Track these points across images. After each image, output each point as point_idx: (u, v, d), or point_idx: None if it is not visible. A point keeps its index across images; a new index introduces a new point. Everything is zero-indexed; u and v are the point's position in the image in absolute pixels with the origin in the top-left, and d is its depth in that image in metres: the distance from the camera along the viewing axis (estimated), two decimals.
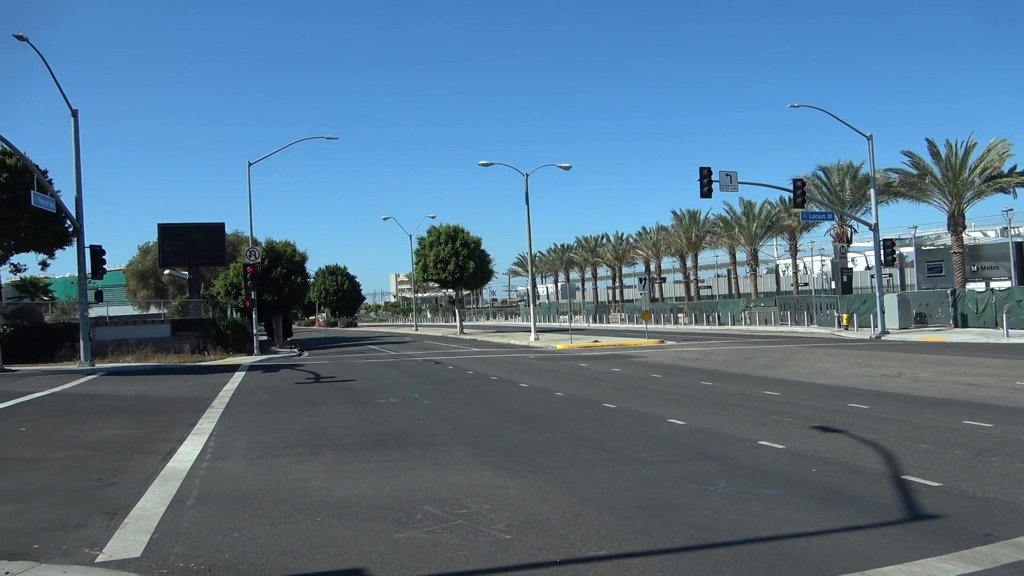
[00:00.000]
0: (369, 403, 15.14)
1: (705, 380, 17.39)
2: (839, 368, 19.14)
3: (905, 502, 6.57)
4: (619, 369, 21.28)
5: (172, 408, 15.46)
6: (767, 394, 14.39)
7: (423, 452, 9.60)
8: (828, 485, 7.24)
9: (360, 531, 6.16)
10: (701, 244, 76.05)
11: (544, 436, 10.58)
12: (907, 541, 5.52)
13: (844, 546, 5.46)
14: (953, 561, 5.07)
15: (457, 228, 55.86)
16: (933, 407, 12.00)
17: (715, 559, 5.26)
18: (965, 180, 41.03)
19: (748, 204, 65.16)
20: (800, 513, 6.33)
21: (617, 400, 14.20)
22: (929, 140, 41.97)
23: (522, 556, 5.44)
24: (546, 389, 16.67)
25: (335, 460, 9.24)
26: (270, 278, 42.88)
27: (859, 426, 10.40)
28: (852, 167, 50.01)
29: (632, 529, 6.01)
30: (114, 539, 6.11)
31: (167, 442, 11.00)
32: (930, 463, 7.99)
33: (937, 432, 9.80)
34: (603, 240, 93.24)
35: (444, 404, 14.66)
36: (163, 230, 41.74)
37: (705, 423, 11.19)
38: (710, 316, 53.55)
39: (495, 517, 6.42)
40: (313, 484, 7.93)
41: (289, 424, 12.52)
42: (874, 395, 13.72)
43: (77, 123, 27.30)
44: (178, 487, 7.98)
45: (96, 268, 28.58)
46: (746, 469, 8.06)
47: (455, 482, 7.82)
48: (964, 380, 15.46)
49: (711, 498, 6.91)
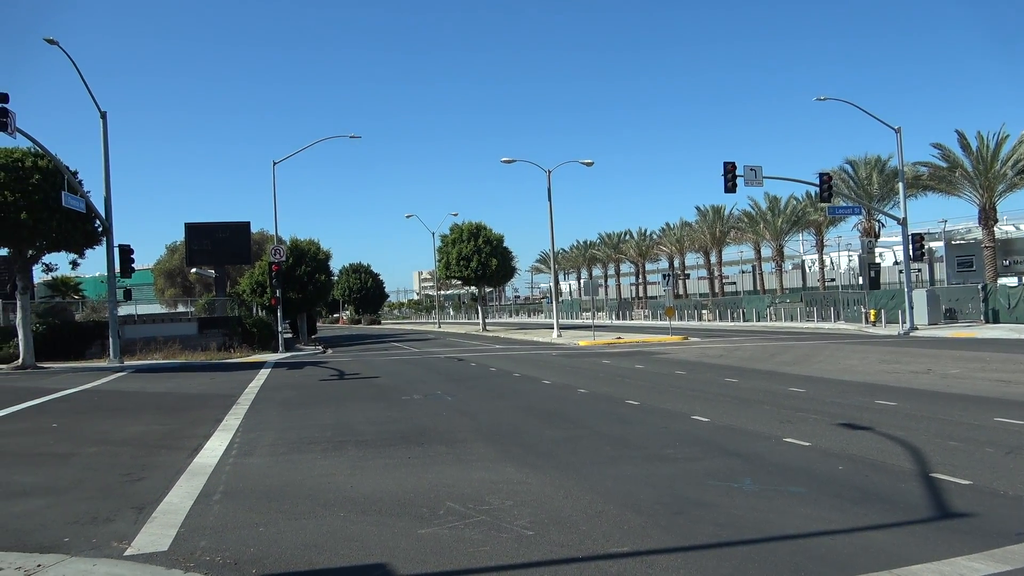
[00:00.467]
0: (392, 400, 15.22)
1: (729, 377, 17.24)
2: (866, 365, 18.87)
3: (934, 500, 6.47)
4: (642, 366, 21.18)
5: (199, 405, 15.66)
6: (792, 391, 14.23)
7: (446, 448, 9.63)
8: (855, 483, 7.15)
9: (383, 527, 6.19)
10: (725, 240, 75.32)
11: (567, 433, 10.56)
12: (936, 540, 5.43)
13: (871, 545, 5.39)
14: (983, 560, 4.97)
15: (479, 225, 55.90)
16: (963, 404, 11.79)
17: (740, 557, 5.22)
18: (997, 173, 40.19)
19: (773, 199, 64.43)
20: (826, 511, 6.25)
21: (640, 397, 14.13)
22: (959, 132, 41.18)
23: (545, 552, 5.43)
24: (569, 386, 16.64)
25: (359, 456, 9.30)
26: (294, 276, 43.24)
27: (886, 423, 10.24)
28: (880, 160, 49.24)
29: (655, 526, 5.98)
30: (142, 533, 6.21)
31: (194, 438, 11.14)
32: (960, 461, 7.85)
33: (967, 429, 9.62)
34: (626, 236, 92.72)
35: (467, 401, 14.69)
36: (190, 229, 42.29)
37: (729, 420, 11.10)
38: (735, 312, 53.08)
39: (518, 513, 6.43)
40: (337, 480, 8.00)
41: (313, 420, 12.63)
42: (902, 392, 13.52)
43: (106, 125, 27.74)
44: (205, 482, 8.08)
45: (125, 267, 29.04)
46: (771, 466, 7.98)
47: (478, 478, 7.84)
48: (995, 377, 15.17)
49: (736, 495, 6.85)
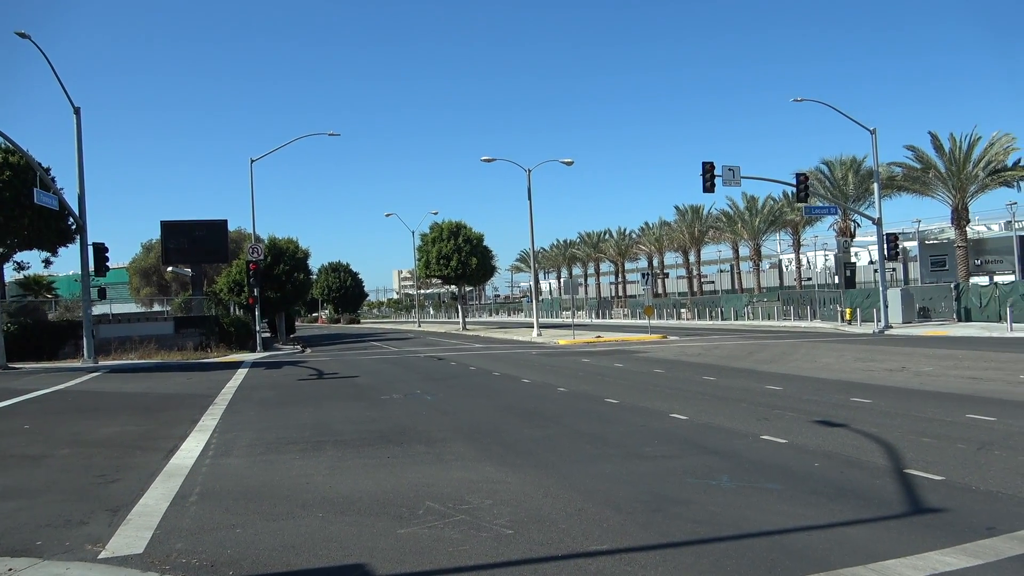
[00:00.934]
0: (372, 399, 15.15)
1: (708, 375, 17.37)
2: (842, 363, 19.11)
3: (908, 496, 6.56)
4: (621, 365, 21.27)
5: (175, 405, 15.48)
6: (770, 389, 14.37)
7: (425, 448, 9.61)
8: (830, 479, 7.23)
9: (362, 527, 6.16)
10: (704, 239, 75.88)
11: (546, 431, 10.58)
12: (910, 535, 5.51)
13: (846, 540, 5.46)
14: (956, 554, 5.06)
15: (459, 224, 55.83)
16: (936, 401, 11.98)
17: (717, 553, 5.26)
18: (968, 174, 40.87)
19: (751, 199, 65.03)
20: (802, 507, 6.32)
21: (620, 395, 14.20)
22: (932, 134, 41.83)
23: (524, 551, 5.44)
24: (548, 385, 16.67)
25: (337, 456, 9.25)
26: (273, 275, 42.91)
27: (862, 420, 10.38)
28: (855, 161, 49.86)
29: (634, 523, 6.01)
30: (117, 535, 6.13)
31: (170, 439, 11.02)
32: (933, 457, 7.98)
33: (940, 426, 9.78)
34: (606, 235, 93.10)
35: (447, 400, 14.67)
36: (166, 227, 41.79)
37: (708, 418, 11.18)
38: (713, 311, 53.50)
39: (497, 512, 6.43)
40: (315, 480, 7.94)
41: (292, 420, 12.54)
42: (877, 389, 13.70)
43: (79, 121, 27.33)
44: (181, 484, 7.99)
45: (99, 266, 28.63)
46: (748, 463, 8.05)
47: (457, 477, 7.83)
48: (967, 374, 15.42)
49: (713, 492, 6.90)
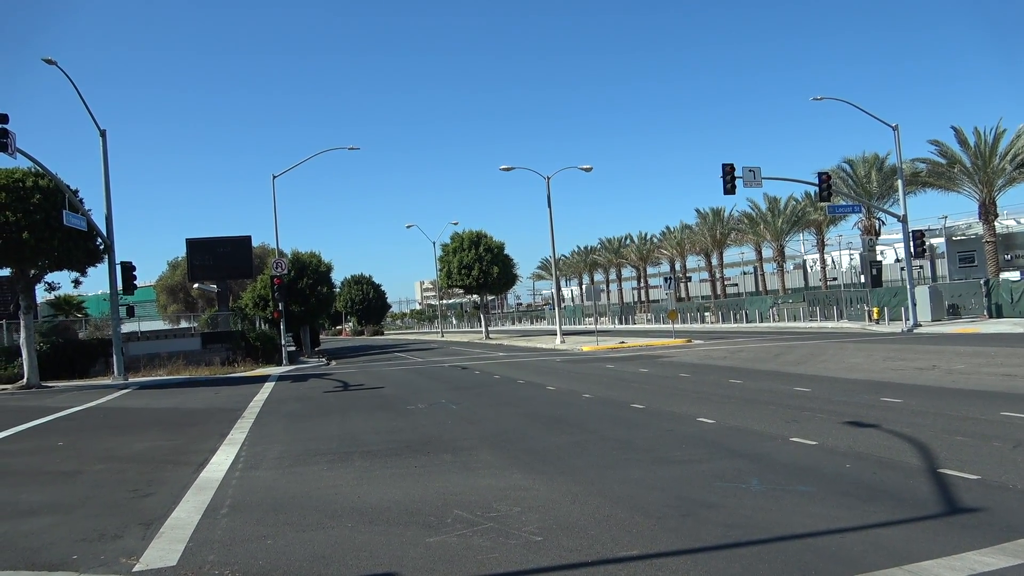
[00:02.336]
0: (397, 410, 15.21)
1: (734, 378, 17.22)
2: (871, 362, 18.84)
3: (942, 496, 6.45)
4: (646, 370, 21.15)
5: (204, 419, 15.66)
6: (797, 390, 14.21)
7: (452, 456, 9.62)
8: (862, 480, 7.13)
9: (391, 536, 6.18)
10: (726, 241, 75.32)
11: (573, 438, 10.55)
12: (946, 535, 5.41)
13: (880, 541, 5.37)
14: (994, 554, 4.96)
15: (480, 233, 55.98)
16: (969, 399, 11.77)
17: (748, 557, 5.20)
18: (995, 167, 40.18)
19: (773, 200, 64.46)
20: (834, 509, 6.23)
21: (645, 400, 14.12)
22: (956, 128, 41.20)
23: (554, 558, 5.42)
24: (573, 391, 16.62)
25: (365, 466, 9.29)
26: (296, 289, 43.29)
27: (893, 420, 10.22)
28: (878, 158, 49.25)
29: (664, 529, 5.97)
30: (150, 548, 6.20)
31: (200, 453, 11.14)
32: (967, 456, 7.83)
33: (974, 424, 9.60)
34: (626, 241, 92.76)
35: (472, 409, 14.68)
36: (191, 244, 42.38)
37: (735, 421, 11.08)
38: (737, 314, 53.03)
39: (525, 519, 6.41)
40: (344, 491, 7.99)
41: (319, 432, 12.63)
42: (907, 389, 13.49)
43: (106, 143, 27.85)
44: (212, 496, 8.08)
45: (127, 284, 29.09)
46: (778, 466, 7.96)
47: (484, 485, 7.83)
48: (1001, 371, 15.13)
49: (743, 496, 6.83)
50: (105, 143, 27.83)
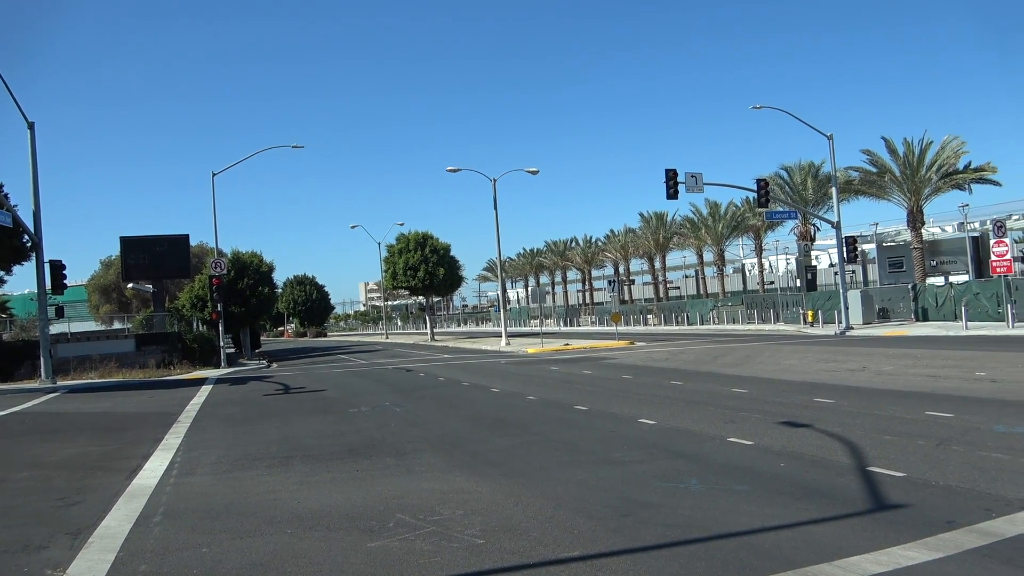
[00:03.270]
0: (340, 413, 15.01)
1: (675, 380, 17.54)
2: (805, 364, 19.44)
3: (871, 493, 6.70)
4: (590, 371, 21.37)
5: (138, 424, 15.16)
6: (735, 391, 14.56)
7: (395, 460, 9.54)
8: (796, 479, 7.35)
9: (331, 542, 6.10)
10: (669, 245, 76.77)
11: (517, 440, 10.59)
12: (873, 531, 5.62)
13: (812, 538, 5.55)
14: (917, 548, 5.17)
15: (426, 235, 55.67)
16: (896, 399, 12.25)
17: (686, 556, 5.31)
18: (923, 177, 42.00)
19: (714, 205, 66.02)
20: (769, 507, 6.41)
21: (588, 402, 14.26)
22: (886, 139, 43.02)
23: (495, 560, 5.43)
24: (518, 393, 16.68)
25: (305, 471, 9.14)
26: (236, 289, 42.30)
27: (825, 420, 10.57)
28: (814, 166, 50.93)
29: (605, 529, 6.04)
30: (78, 559, 5.97)
31: (133, 459, 10.78)
32: (894, 454, 8.15)
33: (901, 424, 10.00)
34: (572, 243, 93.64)
35: (416, 411, 14.59)
36: (126, 243, 40.98)
37: (675, 422, 11.29)
38: (679, 316, 54.06)
39: (468, 522, 6.41)
40: (283, 496, 7.84)
41: (258, 436, 12.36)
42: (839, 389, 13.96)
43: (34, 136, 26.70)
44: (144, 504, 7.82)
45: (56, 283, 27.93)
46: (716, 466, 8.15)
47: (428, 489, 7.79)
48: (926, 372, 15.80)
49: (682, 496, 6.97)
50: (33, 136, 26.69)
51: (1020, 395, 11.81)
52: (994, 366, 15.98)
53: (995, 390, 12.55)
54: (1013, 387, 12.74)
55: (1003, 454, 7.83)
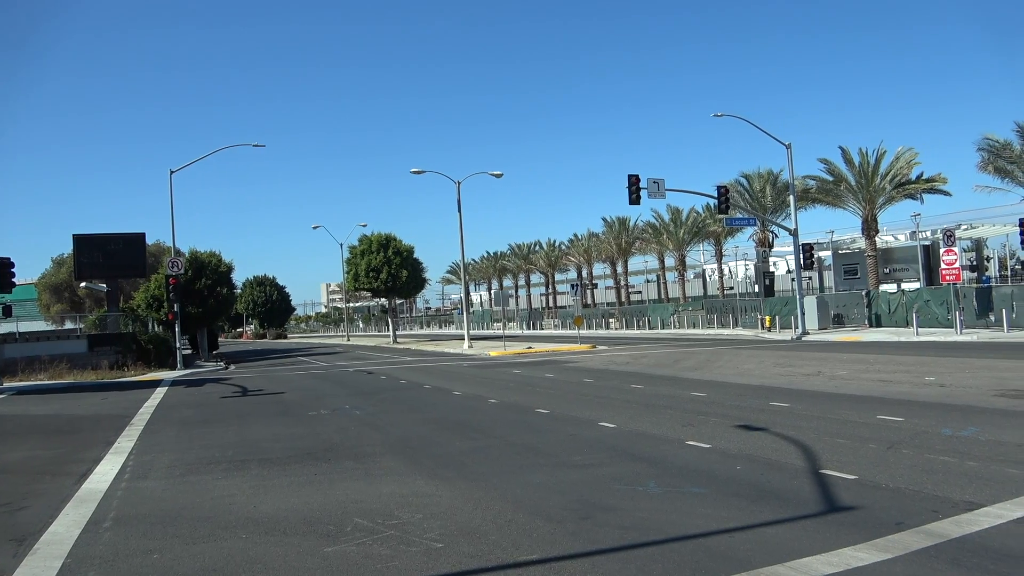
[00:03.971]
0: (298, 416, 14.81)
1: (635, 383, 17.69)
2: (762, 368, 19.77)
3: (823, 495, 6.84)
4: (552, 375, 21.45)
5: (89, 427, 14.77)
6: (694, 395, 14.75)
7: (354, 463, 9.45)
8: (752, 481, 7.47)
9: (287, 547, 6.01)
10: (631, 250, 77.43)
11: (477, 443, 10.57)
12: (825, 532, 5.74)
13: (766, 540, 5.64)
14: (867, 549, 5.30)
15: (389, 236, 55.29)
16: (849, 403, 12.53)
17: (643, 558, 5.36)
18: (877, 186, 43.08)
19: (675, 211, 66.80)
20: (725, 510, 6.51)
21: (550, 405, 14.31)
22: (843, 148, 43.94)
23: (454, 564, 5.41)
24: (480, 396, 16.66)
25: (262, 475, 9.00)
26: (194, 290, 41.51)
27: (781, 424, 10.77)
28: (772, 174, 51.85)
29: (564, 532, 6.06)
30: (23, 567, 5.80)
31: (82, 463, 10.50)
32: (846, 457, 8.34)
33: (853, 427, 10.23)
34: (536, 247, 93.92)
35: (376, 414, 14.47)
36: (79, 241, 39.94)
37: (635, 425, 11.39)
38: (640, 320, 54.56)
39: (427, 526, 6.38)
40: (239, 500, 7.71)
41: (214, 440, 12.14)
42: (795, 393, 14.23)
43: None
44: (94, 509, 7.63)
45: (4, 281, 27.05)
46: (674, 469, 8.24)
47: (387, 492, 7.73)
48: (878, 377, 16.20)
49: (640, 498, 7.03)
50: None
51: (966, 399, 12.18)
52: (942, 371, 16.46)
53: (943, 394, 12.92)
54: (960, 392, 13.14)
55: (950, 457, 8.06)
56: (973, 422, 10.07)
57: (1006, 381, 14.19)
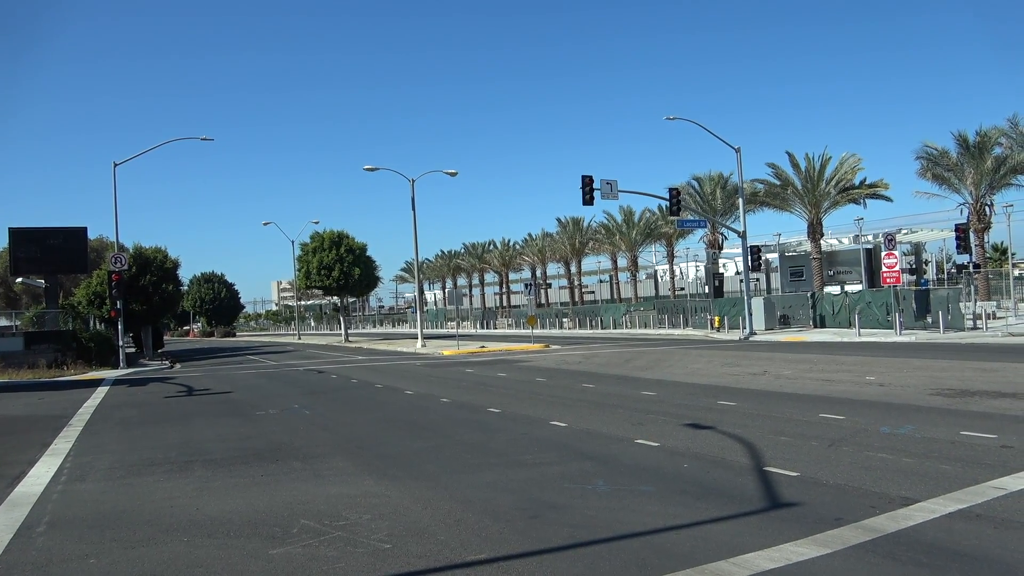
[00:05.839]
0: (246, 415, 14.53)
1: (587, 382, 17.83)
2: (711, 368, 20.13)
3: (766, 492, 6.99)
4: (505, 374, 21.47)
5: (23, 428, 14.23)
6: (645, 394, 14.93)
7: (302, 464, 9.31)
8: (698, 479, 7.60)
9: (231, 549, 5.88)
10: (584, 250, 78.10)
11: (429, 443, 10.52)
12: (768, 528, 5.87)
13: (711, 536, 5.74)
14: (808, 545, 5.43)
15: (342, 234, 54.59)
16: (793, 402, 12.85)
17: (591, 556, 5.40)
18: (822, 191, 44.32)
19: (628, 212, 67.69)
20: (672, 507, 6.60)
21: (502, 404, 14.32)
22: (790, 153, 45.13)
23: (401, 565, 5.37)
24: (432, 396, 16.58)
25: (206, 476, 8.80)
26: (138, 286, 40.36)
27: (727, 422, 10.97)
28: (723, 177, 52.90)
29: (513, 531, 6.07)
30: None
31: (16, 465, 10.10)
32: (790, 454, 8.54)
33: (796, 425, 10.49)
34: (490, 247, 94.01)
35: (326, 414, 14.28)
36: (15, 235, 38.48)
37: (586, 424, 11.47)
38: (593, 320, 55.02)
39: (375, 527, 6.31)
40: (181, 502, 7.52)
41: (157, 440, 11.82)
42: (742, 392, 14.53)
43: None
44: (27, 513, 7.34)
45: None
46: (623, 467, 8.32)
47: (335, 493, 7.63)
48: (821, 376, 16.64)
49: (590, 497, 7.08)
50: None
51: (904, 398, 12.61)
52: (882, 371, 17.00)
53: (882, 393, 13.34)
54: (898, 391, 13.58)
55: (887, 454, 8.33)
56: (910, 420, 10.43)
57: (941, 380, 14.73)
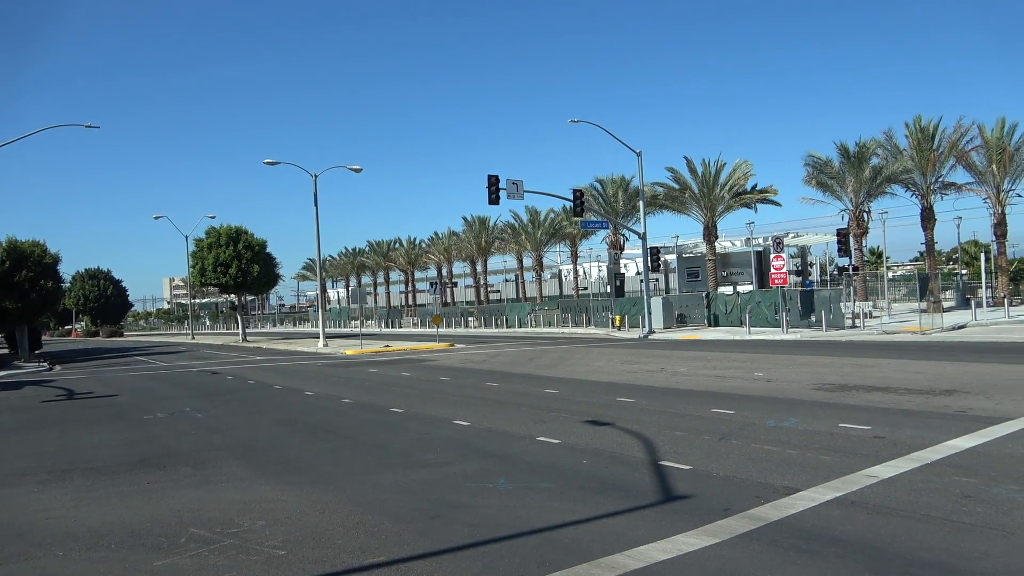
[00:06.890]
0: (132, 420, 13.78)
1: (491, 381, 17.91)
2: (611, 366, 20.63)
3: (661, 485, 7.23)
4: (409, 373, 21.28)
5: None
6: (547, 392, 15.14)
7: (192, 470, 8.92)
8: (596, 475, 7.77)
9: (112, 563, 5.56)
10: (491, 250, 78.38)
11: (328, 445, 10.29)
12: (661, 520, 6.07)
13: (608, 530, 5.89)
14: (698, 535, 5.65)
15: (240, 229, 52.61)
16: (688, 398, 13.34)
17: (490, 554, 5.42)
18: (717, 195, 46.19)
19: (534, 212, 68.41)
20: (571, 503, 6.72)
21: (405, 404, 14.18)
22: (688, 158, 46.78)
23: (296, 571, 5.23)
24: (333, 396, 16.23)
25: (87, 485, 8.29)
26: (13, 283, 37.58)
27: (625, 418, 11.28)
28: (625, 180, 54.26)
29: (413, 532, 6.02)
30: None
31: None
32: (683, 448, 8.87)
33: (690, 420, 10.90)
34: (396, 244, 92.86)
35: (220, 417, 13.73)
36: None
37: (489, 423, 11.53)
38: (499, 319, 55.32)
39: (270, 533, 6.12)
40: (58, 514, 7.05)
41: (31, 448, 11.04)
42: (640, 389, 14.97)
43: None
44: None
45: None
46: (524, 465, 8.41)
47: (228, 500, 7.35)
48: (714, 373, 17.36)
49: (490, 495, 7.12)
50: None
51: (789, 393, 13.32)
52: (770, 367, 17.91)
53: (769, 388, 14.06)
54: (784, 386, 14.34)
55: (773, 446, 8.78)
56: (794, 413, 11.03)
57: (823, 376, 15.66)
